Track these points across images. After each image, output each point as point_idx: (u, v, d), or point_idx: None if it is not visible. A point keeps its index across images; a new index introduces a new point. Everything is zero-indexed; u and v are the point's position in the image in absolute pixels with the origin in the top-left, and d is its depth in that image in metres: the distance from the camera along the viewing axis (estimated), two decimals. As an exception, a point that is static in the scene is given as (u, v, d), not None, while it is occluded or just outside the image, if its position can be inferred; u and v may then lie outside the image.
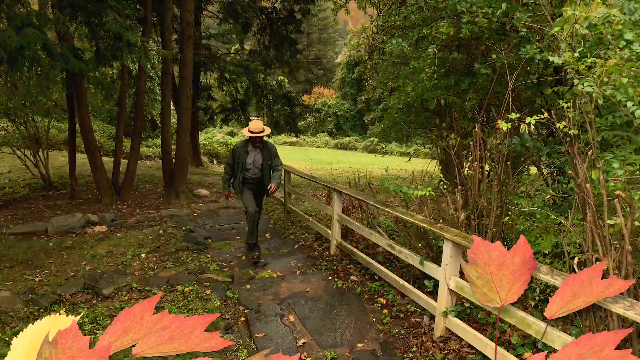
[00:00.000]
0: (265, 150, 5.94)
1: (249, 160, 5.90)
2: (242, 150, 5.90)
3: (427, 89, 4.94)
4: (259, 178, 6.00)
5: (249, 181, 6.00)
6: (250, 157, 5.91)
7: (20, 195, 10.20)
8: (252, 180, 5.99)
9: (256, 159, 5.92)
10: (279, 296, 4.78)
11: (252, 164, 5.91)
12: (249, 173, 5.96)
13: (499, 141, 3.65)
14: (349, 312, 4.28)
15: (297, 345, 3.79)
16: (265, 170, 5.95)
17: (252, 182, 6.01)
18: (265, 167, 5.94)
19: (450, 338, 3.59)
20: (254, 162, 5.92)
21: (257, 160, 5.92)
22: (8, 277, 5.58)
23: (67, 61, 5.36)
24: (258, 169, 5.95)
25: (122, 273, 5.30)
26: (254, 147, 5.89)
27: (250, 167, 5.92)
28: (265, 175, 5.96)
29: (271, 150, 5.98)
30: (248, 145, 5.92)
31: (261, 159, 5.92)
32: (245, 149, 5.91)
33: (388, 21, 5.29)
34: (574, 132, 3.00)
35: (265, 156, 5.92)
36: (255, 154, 5.93)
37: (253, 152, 5.92)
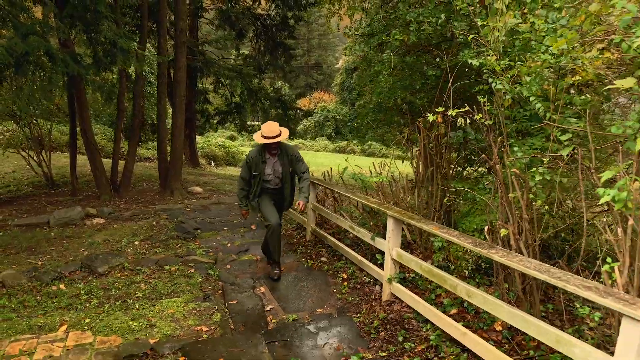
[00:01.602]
0: (285, 156, 5.06)
1: (268, 171, 5.03)
2: (258, 160, 4.99)
3: (384, 89, 5.53)
4: (279, 189, 5.18)
5: (269, 190, 5.16)
6: (268, 167, 5.02)
7: (24, 193, 10.82)
8: (272, 189, 5.17)
9: (276, 168, 5.05)
10: (255, 274, 5.36)
11: (271, 174, 5.05)
12: (269, 184, 5.12)
13: (437, 133, 4.23)
14: (314, 285, 4.86)
15: (265, 310, 4.37)
16: (286, 180, 5.12)
17: (272, 193, 5.19)
18: (287, 176, 5.10)
19: (394, 302, 4.17)
20: (274, 172, 5.05)
21: (277, 170, 5.06)
22: (13, 262, 6.16)
23: (68, 66, 5.97)
24: (279, 178, 5.11)
25: (116, 255, 5.89)
26: (271, 154, 5.00)
27: (270, 179, 5.07)
28: (287, 184, 5.15)
29: (292, 154, 5.10)
30: (264, 153, 5.00)
31: (281, 168, 5.05)
32: (262, 158, 4.99)
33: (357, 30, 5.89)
34: (489, 122, 3.58)
35: (285, 163, 5.06)
36: (274, 162, 5.04)
37: (271, 161, 5.03)
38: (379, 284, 4.54)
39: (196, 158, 17.87)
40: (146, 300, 4.65)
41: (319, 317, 4.16)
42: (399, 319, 3.89)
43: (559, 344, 2.38)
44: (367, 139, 8.69)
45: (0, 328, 4.10)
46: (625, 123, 2.41)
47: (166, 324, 4.11)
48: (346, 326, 3.93)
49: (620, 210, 2.29)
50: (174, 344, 3.72)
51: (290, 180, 5.19)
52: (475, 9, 4.29)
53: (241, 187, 5.24)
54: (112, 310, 4.42)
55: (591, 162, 2.70)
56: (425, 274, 3.57)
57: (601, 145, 2.99)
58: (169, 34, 12.15)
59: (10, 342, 3.86)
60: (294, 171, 5.17)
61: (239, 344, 3.70)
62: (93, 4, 5.79)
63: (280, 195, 5.23)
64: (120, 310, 4.42)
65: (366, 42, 5.33)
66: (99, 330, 4.02)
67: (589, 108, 2.85)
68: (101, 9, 5.91)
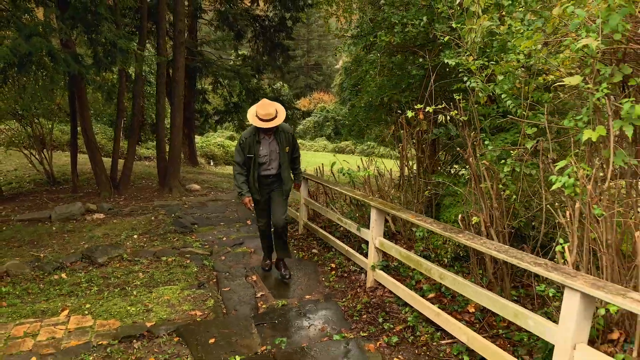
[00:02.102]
0: (282, 134, 4.61)
1: (264, 152, 4.57)
2: (251, 140, 4.54)
3: (374, 89, 5.78)
4: (277, 174, 4.72)
5: (264, 181, 4.72)
6: (264, 147, 4.58)
7: (26, 190, 11.07)
8: (270, 178, 4.72)
9: (272, 149, 4.61)
10: (248, 265, 5.60)
11: (267, 156, 4.59)
12: (265, 169, 4.65)
13: (419, 129, 4.47)
14: (304, 274, 5.10)
15: (256, 296, 4.62)
16: (284, 161, 4.68)
17: (269, 182, 4.75)
18: (284, 156, 4.66)
19: (377, 288, 4.41)
20: (270, 154, 4.61)
21: (273, 150, 4.62)
22: (16, 254, 6.39)
23: (69, 65, 6.22)
24: (276, 161, 4.66)
25: (116, 247, 6.13)
26: (266, 134, 4.56)
27: (265, 161, 4.60)
28: (284, 164, 4.69)
29: (288, 132, 4.69)
30: (258, 133, 4.55)
31: (278, 148, 4.62)
32: (256, 139, 4.54)
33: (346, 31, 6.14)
34: (463, 118, 3.83)
35: (282, 142, 4.62)
36: (270, 142, 4.60)
37: (266, 141, 4.58)
38: (364, 272, 4.78)
39: (195, 157, 18.11)
40: (144, 287, 4.89)
41: (307, 303, 4.40)
42: (381, 303, 4.14)
43: (517, 317, 2.63)
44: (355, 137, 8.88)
45: (6, 312, 4.35)
46: (577, 117, 2.65)
47: (162, 309, 4.35)
48: (331, 310, 4.18)
49: (570, 195, 2.54)
50: (169, 327, 3.96)
51: (288, 161, 4.77)
52: (456, 11, 4.53)
53: (238, 172, 4.66)
54: (111, 296, 4.67)
55: (548, 154, 2.94)
56: (404, 259, 3.81)
57: (560, 138, 3.23)
58: (168, 35, 12.40)
59: (15, 325, 4.10)
60: (289, 152, 4.74)
61: (230, 326, 3.95)
62: (94, 6, 6.05)
63: (279, 182, 4.77)
64: (119, 296, 4.66)
65: (355, 44, 5.58)
66: (98, 314, 4.27)
67: (548, 104, 3.09)
68: (101, 11, 6.16)
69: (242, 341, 3.70)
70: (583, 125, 2.61)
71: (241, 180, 4.67)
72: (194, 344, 3.66)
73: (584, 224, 2.54)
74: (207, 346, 3.62)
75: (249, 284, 4.93)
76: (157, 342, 3.76)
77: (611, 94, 2.46)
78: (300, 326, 3.92)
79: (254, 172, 4.63)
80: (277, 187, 4.79)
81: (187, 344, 3.68)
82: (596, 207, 2.45)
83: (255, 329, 3.87)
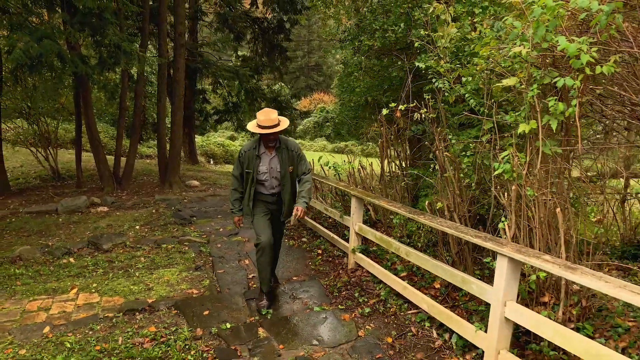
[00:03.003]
0: (285, 152, 4.18)
1: (263, 169, 4.16)
2: (251, 154, 4.14)
3: (363, 89, 6.24)
4: (277, 193, 4.28)
5: (263, 198, 4.29)
6: (263, 163, 4.16)
7: (32, 185, 11.54)
8: (268, 196, 4.28)
9: (273, 166, 4.19)
10: (242, 251, 6.06)
11: (267, 173, 4.18)
12: (264, 187, 4.24)
13: (397, 126, 4.93)
14: (292, 259, 5.56)
15: (248, 277, 5.07)
16: (286, 182, 4.22)
17: (267, 200, 4.30)
18: (286, 176, 4.21)
19: (357, 269, 4.87)
20: (270, 171, 4.18)
21: (274, 168, 4.19)
22: (26, 243, 6.85)
23: (77, 66, 6.68)
24: (276, 179, 4.22)
25: (119, 235, 6.59)
26: (268, 148, 4.15)
27: (265, 179, 4.19)
28: (286, 186, 4.24)
29: (293, 149, 4.22)
30: (259, 146, 4.17)
31: (279, 166, 4.19)
32: (256, 152, 4.14)
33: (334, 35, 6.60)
34: (432, 116, 4.28)
35: (284, 160, 4.18)
36: (271, 159, 4.18)
37: (267, 157, 4.17)
38: (346, 255, 5.23)
39: (195, 156, 18.58)
40: (145, 270, 5.35)
41: (293, 282, 4.86)
42: (359, 282, 4.59)
43: (464, 283, 3.08)
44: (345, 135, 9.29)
45: (20, 290, 4.81)
46: (517, 114, 3.11)
47: (162, 288, 4.81)
48: (315, 288, 4.63)
49: (509, 179, 2.99)
50: (168, 302, 4.42)
51: (291, 182, 4.27)
52: (431, 19, 4.99)
53: (234, 188, 4.33)
54: (115, 277, 5.13)
55: (497, 145, 3.39)
56: (378, 240, 4.27)
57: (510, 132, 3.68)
58: (169, 36, 12.87)
59: (29, 301, 4.55)
60: (294, 171, 4.26)
61: (223, 301, 4.40)
62: (100, 11, 6.51)
63: (277, 202, 4.33)
64: (123, 277, 5.12)
65: (342, 47, 6.04)
66: (104, 292, 4.72)
67: (497, 101, 3.53)
68: (107, 16, 6.62)
69: (233, 313, 4.15)
70: (522, 120, 3.06)
71: (234, 198, 4.36)
72: (190, 315, 4.11)
73: (521, 204, 3.00)
74: (201, 317, 4.07)
75: (241, 267, 5.39)
76: (157, 315, 4.21)
77: (541, 93, 2.91)
78: (286, 301, 4.38)
79: (250, 190, 4.20)
80: (277, 210, 4.37)
81: (184, 315, 4.13)
82: (529, 189, 2.90)
83: (245, 304, 4.33)
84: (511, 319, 2.69)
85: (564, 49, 2.52)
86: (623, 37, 2.71)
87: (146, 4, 10.52)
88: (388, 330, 3.71)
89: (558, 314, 2.83)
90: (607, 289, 2.06)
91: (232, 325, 3.89)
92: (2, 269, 5.44)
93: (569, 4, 2.64)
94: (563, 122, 2.96)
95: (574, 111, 2.65)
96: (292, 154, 4.21)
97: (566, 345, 2.35)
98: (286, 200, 4.29)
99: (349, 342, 3.56)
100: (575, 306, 2.90)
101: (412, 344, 3.48)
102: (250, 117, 19.78)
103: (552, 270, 2.33)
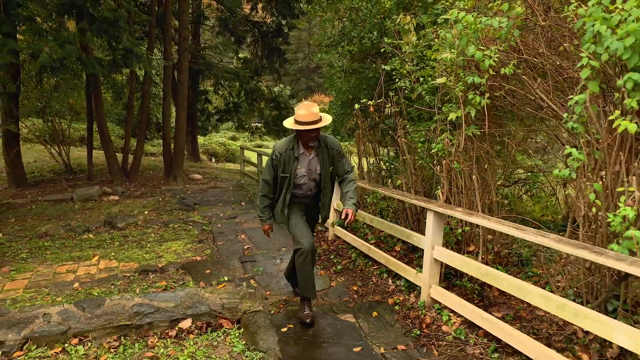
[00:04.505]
0: (325, 150, 3.72)
1: (302, 171, 3.70)
2: (288, 155, 3.64)
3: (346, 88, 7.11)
4: (313, 195, 3.88)
5: (297, 200, 3.84)
6: (302, 165, 3.69)
7: (47, 178, 12.45)
8: (303, 198, 3.85)
9: (312, 168, 3.73)
10: (239, 229, 6.94)
11: (305, 176, 3.72)
12: (300, 190, 3.78)
13: (371, 120, 5.80)
14: (282, 235, 6.43)
15: (244, 248, 5.96)
16: (326, 184, 3.82)
17: (302, 202, 3.87)
18: (326, 178, 3.79)
19: (336, 240, 5.76)
20: (309, 173, 3.73)
21: (313, 170, 3.73)
22: (48, 225, 7.75)
23: (94, 68, 7.59)
24: (314, 182, 3.79)
25: (131, 217, 7.48)
26: (307, 147, 3.67)
27: (303, 182, 3.74)
28: (326, 189, 3.85)
29: (334, 148, 3.76)
30: (297, 146, 3.67)
31: (319, 167, 3.73)
32: (294, 153, 3.65)
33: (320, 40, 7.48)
34: (395, 110, 5.16)
35: (324, 161, 3.72)
36: (310, 160, 3.71)
37: (306, 158, 3.70)
38: (327, 230, 6.11)
39: (197, 153, 19.48)
40: (155, 243, 6.23)
41: (281, 251, 5.74)
42: (336, 249, 5.48)
43: (409, 237, 3.96)
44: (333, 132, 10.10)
45: (50, 258, 5.69)
46: (449, 105, 3.98)
47: (170, 256, 5.69)
48: (298, 254, 5.51)
49: (442, 156, 3.87)
50: (176, 265, 5.29)
51: (331, 184, 3.91)
52: (399, 28, 5.86)
53: (264, 194, 3.81)
54: (130, 248, 6.01)
55: (437, 131, 4.27)
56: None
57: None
58: (174, 40, 13.78)
59: (58, 266, 5.44)
60: (334, 171, 3.86)
61: (222, 263, 5.29)
62: (115, 20, 7.41)
63: (314, 205, 3.93)
64: (137, 248, 6.01)
65: (327, 52, 6.92)
66: (121, 259, 5.60)
67: (438, 97, 4.39)
68: (121, 24, 7.53)
69: (230, 272, 5.03)
70: (453, 110, 3.93)
71: (264, 204, 3.84)
72: (195, 273, 4.99)
73: (451, 175, 3.87)
74: (204, 274, 4.95)
75: (238, 240, 6.28)
76: (167, 274, 5.09)
77: (467, 90, 3.78)
78: (274, 263, 5.26)
79: (285, 196, 3.72)
80: (313, 214, 3.99)
81: (189, 274, 5.01)
82: (456, 163, 3.77)
83: (241, 265, 5.21)
84: (438, 259, 3.56)
85: (473, 55, 3.40)
86: (521, 47, 3.59)
87: (153, 10, 11.44)
88: (355, 281, 4.59)
89: (478, 259, 3.70)
90: (489, 225, 2.93)
91: (229, 278, 4.76)
92: (33, 242, 6.34)
93: (480, 21, 3.52)
94: (482, 111, 3.83)
95: (485, 102, 3.53)
96: (332, 152, 3.74)
97: (476, 275, 3.22)
98: (325, 202, 3.91)
99: (323, 290, 4.44)
100: (490, 253, 3.78)
101: (372, 289, 4.36)
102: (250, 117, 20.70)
103: (458, 215, 3.21)
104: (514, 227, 2.78)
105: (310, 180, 3.75)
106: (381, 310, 3.86)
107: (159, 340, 2.83)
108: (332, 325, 3.64)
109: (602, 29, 2.55)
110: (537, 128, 4.08)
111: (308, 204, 3.89)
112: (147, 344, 2.78)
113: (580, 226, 2.80)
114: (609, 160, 2.61)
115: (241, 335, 2.91)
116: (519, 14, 3.43)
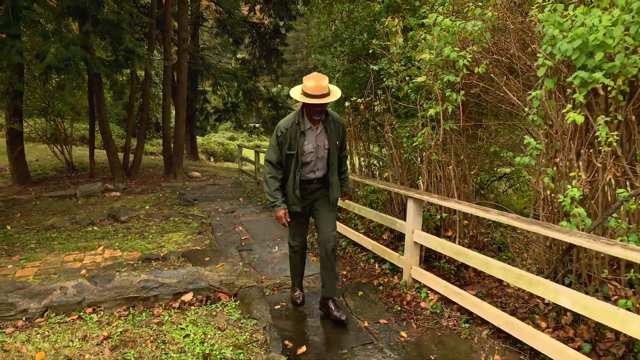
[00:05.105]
0: (332, 124, 3.47)
1: (309, 147, 3.43)
2: (293, 131, 3.38)
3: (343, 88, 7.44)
4: (323, 178, 3.59)
5: (306, 188, 3.55)
6: (309, 141, 3.43)
7: (50, 176, 12.78)
8: (313, 183, 3.56)
9: (319, 144, 3.47)
10: (237, 222, 7.27)
11: (312, 153, 3.45)
12: (309, 171, 3.51)
13: (362, 117, 6.14)
14: (277, 226, 6.77)
15: (241, 238, 6.29)
16: (334, 161, 3.54)
17: (312, 189, 3.58)
18: (334, 154, 3.53)
19: (327, 230, 6.08)
20: (317, 150, 3.47)
21: (320, 146, 3.47)
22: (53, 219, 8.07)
23: (98, 68, 7.92)
24: (323, 160, 3.52)
25: (133, 210, 7.81)
26: (313, 121, 3.40)
27: (310, 159, 3.46)
28: (334, 168, 3.56)
29: (339, 122, 3.54)
30: (302, 120, 3.40)
31: (327, 142, 3.48)
32: (300, 128, 3.38)
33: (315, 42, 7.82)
34: (383, 107, 5.49)
35: (331, 135, 3.47)
36: (317, 135, 3.45)
37: (313, 133, 3.44)
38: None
39: (196, 152, 19.82)
40: (157, 234, 6.56)
41: (276, 241, 6.07)
42: (328, 238, 5.81)
43: (393, 223, 4.29)
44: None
45: (58, 248, 6.01)
46: (429, 102, 4.32)
47: (171, 246, 6.02)
48: (292, 243, 5.84)
49: (422, 148, 4.21)
50: (177, 254, 5.62)
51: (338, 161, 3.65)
52: (387, 30, 6.20)
53: (272, 175, 3.48)
54: (133, 239, 6.34)
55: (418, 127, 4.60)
56: (345, 206, 5.47)
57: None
58: (173, 41, 14.12)
59: (65, 255, 5.76)
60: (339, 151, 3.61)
61: (220, 252, 5.62)
62: (118, 22, 7.75)
63: (324, 187, 3.61)
64: (139, 239, 6.33)
65: (320, 52, 7.26)
66: (125, 249, 5.92)
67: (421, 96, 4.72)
68: (124, 26, 7.86)
69: (228, 259, 5.36)
70: (433, 107, 4.27)
71: (274, 187, 3.46)
72: (195, 261, 5.31)
73: (431, 166, 4.21)
74: (203, 261, 5.28)
75: (236, 232, 6.61)
76: (169, 261, 5.41)
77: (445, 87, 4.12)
78: (269, 252, 5.60)
79: (295, 176, 3.44)
80: (322, 196, 3.61)
81: (190, 261, 5.33)
82: (435, 155, 4.11)
83: (238, 253, 5.55)
84: (418, 242, 3.90)
85: (448, 55, 3.74)
86: (493, 48, 3.93)
87: (153, 12, 11.78)
88: (344, 266, 4.93)
89: (455, 243, 4.04)
90: (460, 207, 3.27)
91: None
92: (40, 234, 6.67)
93: (456, 24, 3.86)
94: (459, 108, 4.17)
95: (460, 99, 3.87)
96: (338, 126, 3.50)
97: (450, 254, 3.55)
98: (333, 182, 3.57)
99: (314, 274, 4.78)
100: (467, 237, 4.12)
101: (360, 273, 4.70)
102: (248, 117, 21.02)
103: (434, 201, 3.55)
104: (481, 209, 3.12)
105: (317, 159, 3.47)
106: (366, 290, 4.20)
107: (164, 311, 3.16)
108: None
109: (556, 33, 2.89)
110: (509, 123, 4.42)
111: (318, 188, 3.58)
112: (153, 314, 3.11)
113: (540, 208, 3.14)
114: (563, 148, 2.95)
115: (237, 306, 3.24)
116: (490, 18, 3.78)
